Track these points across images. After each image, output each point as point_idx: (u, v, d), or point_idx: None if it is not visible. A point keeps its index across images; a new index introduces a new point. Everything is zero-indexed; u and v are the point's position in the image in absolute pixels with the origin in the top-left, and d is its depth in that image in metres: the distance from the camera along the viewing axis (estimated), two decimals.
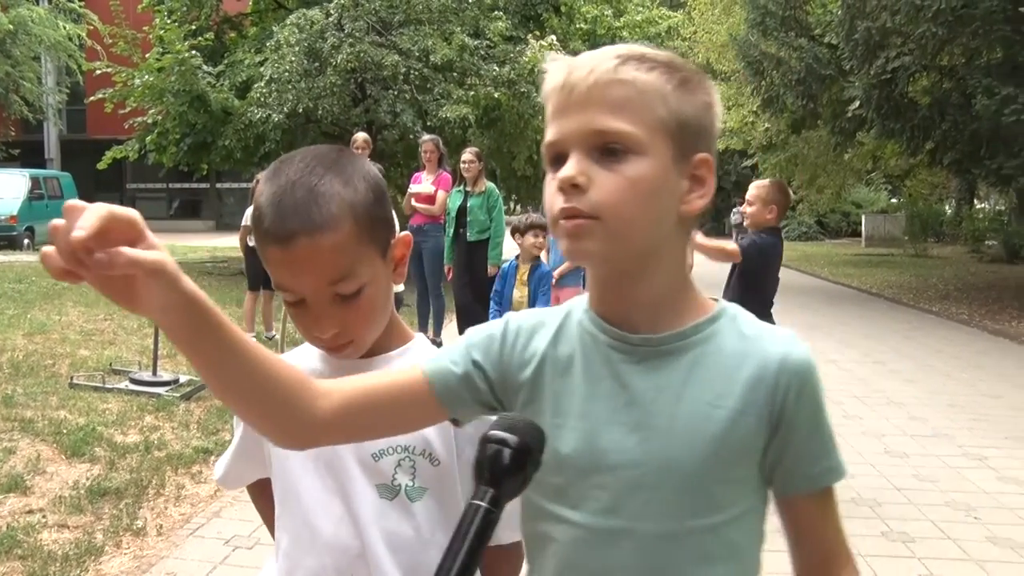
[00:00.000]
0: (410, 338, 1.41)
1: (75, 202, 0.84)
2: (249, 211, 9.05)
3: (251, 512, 4.58)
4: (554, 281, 6.47)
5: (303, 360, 1.39)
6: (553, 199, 1.02)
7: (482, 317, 6.61)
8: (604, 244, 1.01)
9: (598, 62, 1.02)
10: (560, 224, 1.01)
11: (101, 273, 0.83)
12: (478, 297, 7.95)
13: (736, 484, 1.05)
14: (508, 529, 1.19)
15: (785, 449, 1.05)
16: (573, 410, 1.07)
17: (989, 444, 6.11)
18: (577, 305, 1.14)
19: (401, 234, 1.37)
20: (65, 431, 5.47)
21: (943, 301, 14.97)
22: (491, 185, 8.80)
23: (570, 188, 1.00)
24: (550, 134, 1.04)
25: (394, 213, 1.43)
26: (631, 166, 0.99)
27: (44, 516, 4.27)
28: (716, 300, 1.12)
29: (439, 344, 7.03)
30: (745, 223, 5.23)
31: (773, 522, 1.11)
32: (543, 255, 6.61)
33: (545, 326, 1.14)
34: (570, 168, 1.00)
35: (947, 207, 33.01)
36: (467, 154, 8.57)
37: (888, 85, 13.86)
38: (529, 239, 6.20)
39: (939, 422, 6.74)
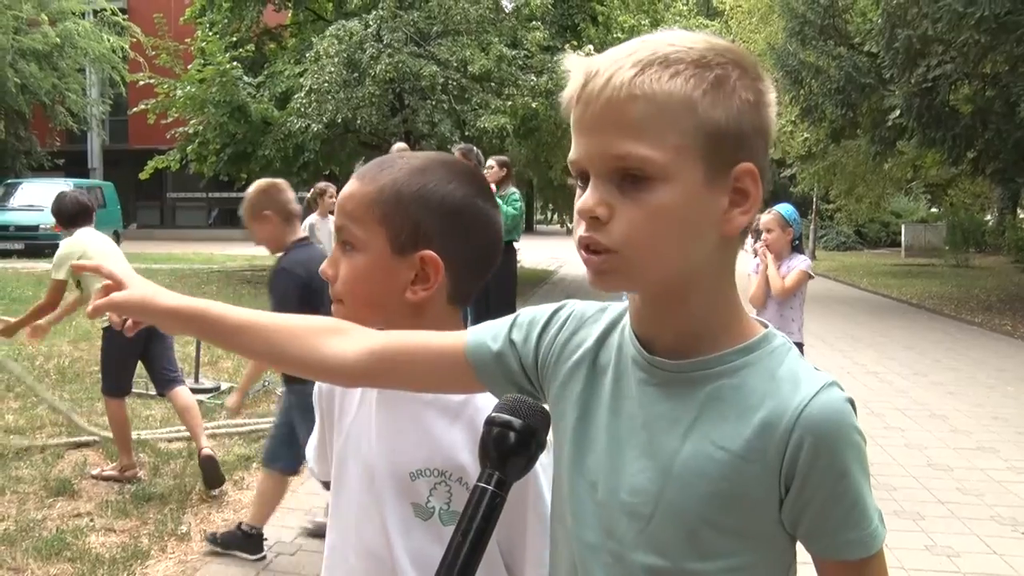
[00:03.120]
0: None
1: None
2: (308, 221, 9.05)
3: (293, 519, 4.64)
4: None
5: None
6: (577, 223, 0.96)
7: None
8: (628, 279, 0.95)
9: (615, 69, 0.91)
10: (581, 255, 0.95)
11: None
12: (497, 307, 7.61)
13: (736, 534, 0.96)
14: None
15: (803, 510, 0.94)
16: (598, 421, 1.04)
17: None
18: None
19: (430, 253, 1.29)
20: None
21: (986, 312, 14.73)
22: (512, 190, 8.59)
23: (590, 220, 0.92)
24: (572, 150, 0.97)
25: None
26: (654, 195, 0.90)
27: (92, 520, 4.35)
28: (765, 327, 1.01)
29: None
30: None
31: None
32: None
33: (596, 324, 1.09)
34: (590, 199, 0.92)
35: (989, 217, 32.48)
36: (490, 160, 8.48)
37: (929, 94, 13.69)
38: None
39: (983, 435, 6.63)
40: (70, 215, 5.06)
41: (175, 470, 5.11)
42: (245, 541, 3.98)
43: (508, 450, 0.93)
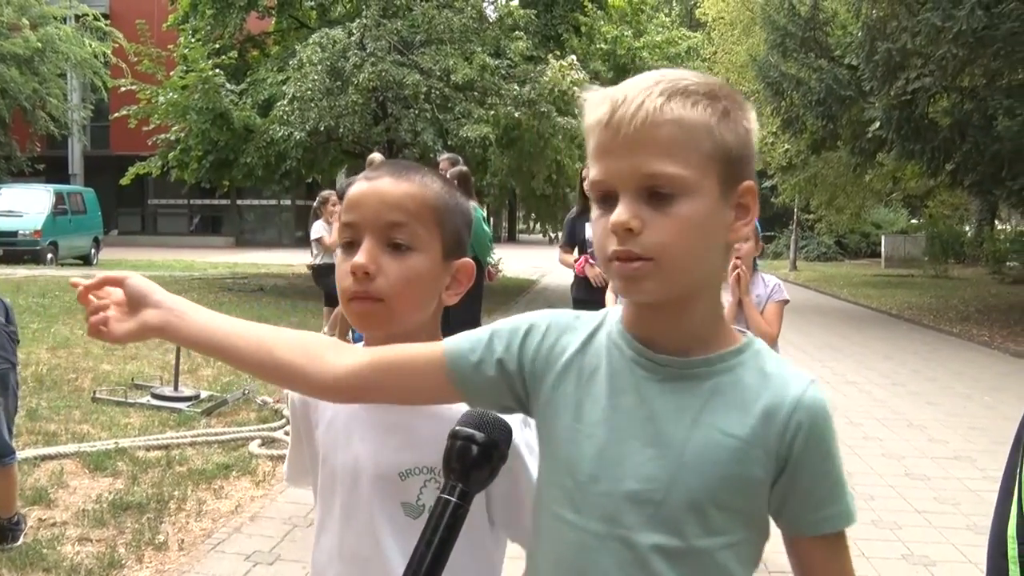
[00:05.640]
0: None
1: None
2: (317, 225, 9.11)
3: (272, 528, 4.62)
4: None
5: None
6: (605, 240, 1.05)
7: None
8: (661, 284, 1.04)
9: (644, 98, 1.02)
10: (614, 266, 1.05)
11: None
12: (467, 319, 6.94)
13: (736, 513, 1.08)
14: None
15: (791, 489, 1.07)
16: (594, 418, 1.11)
17: None
18: (611, 316, 1.17)
19: (468, 261, 1.41)
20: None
21: (964, 323, 14.86)
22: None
23: (624, 232, 1.02)
24: (596, 172, 1.06)
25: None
26: (682, 207, 1.02)
27: (67, 529, 4.31)
28: (743, 332, 1.15)
29: None
30: None
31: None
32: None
33: (577, 331, 1.17)
34: (623, 213, 1.02)
35: (967, 228, 32.78)
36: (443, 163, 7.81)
37: (908, 106, 13.83)
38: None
39: (960, 445, 6.69)
40: None
41: (153, 478, 5.07)
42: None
43: (471, 463, 0.98)
